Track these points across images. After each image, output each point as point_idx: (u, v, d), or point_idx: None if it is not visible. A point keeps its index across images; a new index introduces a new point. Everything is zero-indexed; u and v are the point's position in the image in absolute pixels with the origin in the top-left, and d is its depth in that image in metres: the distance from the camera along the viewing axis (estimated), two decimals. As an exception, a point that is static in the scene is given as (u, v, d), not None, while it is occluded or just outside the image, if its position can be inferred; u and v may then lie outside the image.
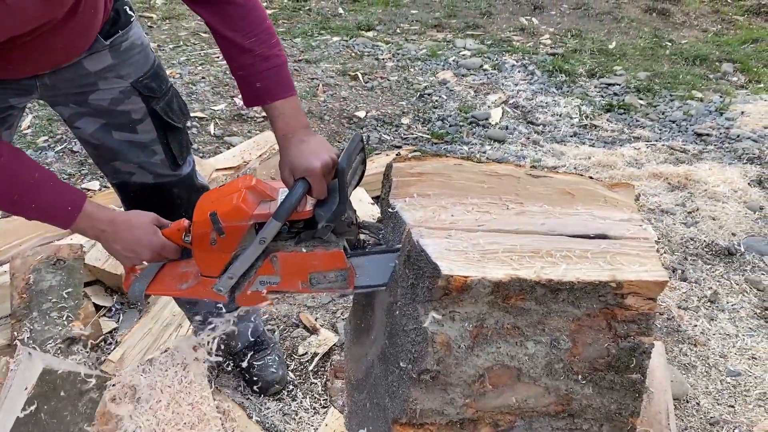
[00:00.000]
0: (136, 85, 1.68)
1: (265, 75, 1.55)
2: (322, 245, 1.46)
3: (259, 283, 1.52)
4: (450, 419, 1.42)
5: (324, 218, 1.43)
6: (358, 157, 1.50)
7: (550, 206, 1.51)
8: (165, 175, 1.80)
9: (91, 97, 1.66)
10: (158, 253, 1.55)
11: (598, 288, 1.31)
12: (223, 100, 4.44)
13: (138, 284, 1.60)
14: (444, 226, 1.41)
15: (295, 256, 1.47)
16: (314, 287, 1.51)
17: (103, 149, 1.74)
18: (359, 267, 1.49)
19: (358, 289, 1.51)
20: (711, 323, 2.54)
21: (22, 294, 2.16)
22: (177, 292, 1.61)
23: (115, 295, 2.57)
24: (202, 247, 1.48)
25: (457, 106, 4.71)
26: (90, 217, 1.48)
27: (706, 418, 2.11)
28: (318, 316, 2.47)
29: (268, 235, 1.42)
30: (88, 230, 1.51)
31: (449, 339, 1.31)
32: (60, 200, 1.45)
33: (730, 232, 3.12)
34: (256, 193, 1.46)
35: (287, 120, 1.56)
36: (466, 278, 1.26)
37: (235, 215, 1.43)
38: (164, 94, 1.74)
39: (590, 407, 1.41)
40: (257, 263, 1.48)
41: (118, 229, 1.51)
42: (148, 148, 1.75)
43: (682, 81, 5.42)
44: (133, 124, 1.71)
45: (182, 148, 1.82)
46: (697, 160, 4.00)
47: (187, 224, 1.54)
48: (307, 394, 2.13)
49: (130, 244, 1.52)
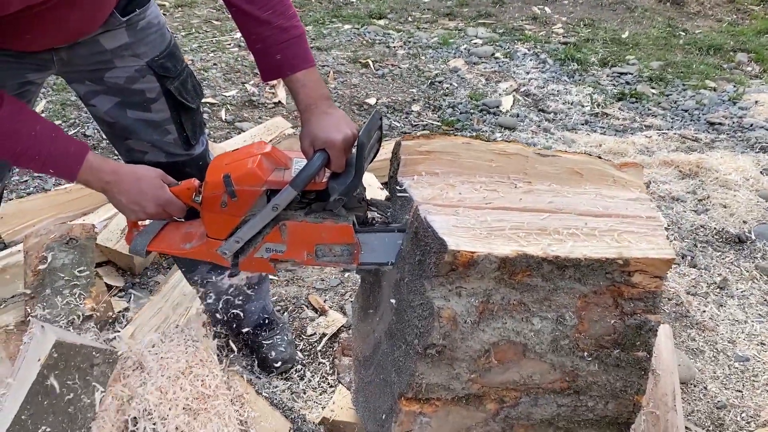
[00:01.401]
0: (152, 65, 1.69)
1: (284, 46, 1.54)
2: (331, 218, 1.47)
3: (265, 250, 1.52)
4: (456, 394, 1.44)
5: (337, 191, 1.44)
6: (375, 135, 1.51)
7: (559, 185, 1.51)
8: (178, 155, 1.82)
9: (107, 75, 1.67)
10: (163, 209, 1.54)
11: (605, 265, 1.32)
12: (234, 86, 4.46)
13: (140, 239, 1.60)
14: (452, 203, 1.42)
15: (304, 226, 1.47)
16: (319, 259, 1.52)
17: (117, 127, 1.76)
18: (365, 244, 1.49)
19: (362, 265, 1.52)
20: (720, 309, 2.53)
21: (35, 272, 2.19)
22: (180, 251, 1.61)
23: (127, 276, 2.60)
24: (212, 208, 1.48)
25: (467, 94, 4.70)
26: (93, 168, 1.48)
27: (713, 402, 2.11)
28: (327, 298, 2.49)
29: (281, 203, 1.43)
30: (92, 182, 1.51)
31: (455, 314, 1.32)
32: (62, 152, 1.45)
33: (741, 219, 3.10)
34: (272, 159, 1.46)
35: (308, 92, 1.55)
36: (473, 254, 1.28)
37: (249, 180, 1.43)
38: (179, 74, 1.75)
39: (596, 384, 1.42)
40: (266, 230, 1.49)
41: (123, 180, 1.51)
42: (161, 127, 1.76)
43: (696, 70, 5.38)
44: (147, 103, 1.73)
45: (195, 127, 1.83)
46: (709, 148, 3.98)
47: (197, 184, 1.54)
48: (315, 373, 2.14)
49: (134, 196, 1.51)
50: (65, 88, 4.07)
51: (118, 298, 2.48)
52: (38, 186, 3.14)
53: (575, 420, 1.49)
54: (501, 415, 1.48)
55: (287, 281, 2.58)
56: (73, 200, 2.80)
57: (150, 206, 1.52)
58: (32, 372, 1.52)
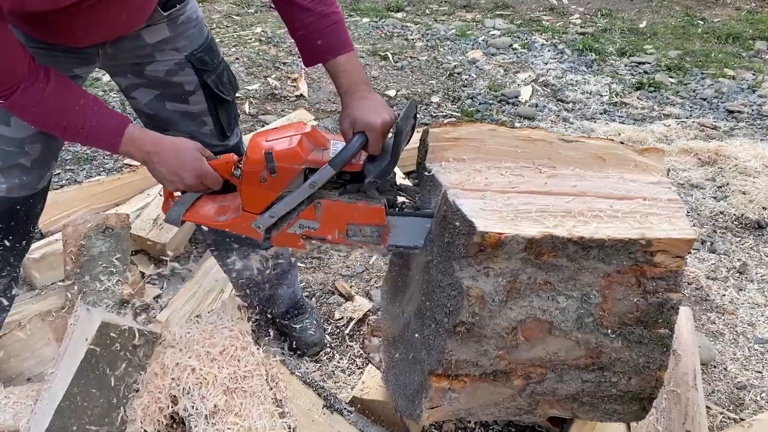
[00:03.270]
0: (191, 58, 1.75)
1: (326, 32, 1.60)
2: (364, 199, 1.53)
3: (299, 226, 1.58)
4: (484, 371, 1.50)
5: (372, 174, 1.50)
6: (411, 122, 1.57)
7: (582, 170, 1.56)
8: (213, 145, 1.88)
9: (148, 68, 1.74)
10: (201, 180, 1.59)
11: (628, 245, 1.37)
12: (257, 80, 4.53)
13: (176, 208, 1.66)
14: (479, 187, 1.47)
15: (338, 205, 1.54)
16: (350, 238, 1.58)
17: (156, 119, 1.82)
18: (394, 227, 1.55)
19: (389, 247, 1.58)
20: (739, 293, 2.57)
21: (74, 260, 2.28)
22: (214, 222, 1.66)
23: (160, 264, 2.68)
24: (251, 182, 1.53)
25: (486, 85, 4.73)
26: (134, 139, 1.54)
27: (733, 383, 2.15)
28: (353, 284, 2.56)
29: (319, 181, 1.49)
30: (134, 153, 1.57)
31: (484, 293, 1.38)
32: (105, 124, 1.52)
33: (760, 206, 3.12)
34: (312, 139, 1.52)
35: (349, 75, 1.61)
36: (501, 235, 1.33)
37: (289, 157, 1.49)
38: (216, 67, 1.81)
39: (619, 360, 1.47)
40: (301, 206, 1.55)
41: (163, 151, 1.57)
42: (198, 118, 1.83)
43: (714, 59, 5.37)
44: (185, 95, 1.79)
45: (230, 119, 1.89)
46: (728, 136, 3.99)
47: (236, 159, 1.60)
48: (343, 356, 2.22)
49: (174, 167, 1.57)
50: (92, 83, 4.16)
51: (151, 285, 2.56)
52: (70, 179, 3.24)
53: (599, 395, 1.54)
54: (527, 390, 1.54)
55: (314, 268, 2.65)
56: (105, 192, 2.89)
57: (189, 177, 1.58)
58: (80, 351, 1.60)
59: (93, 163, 3.41)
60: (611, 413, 1.59)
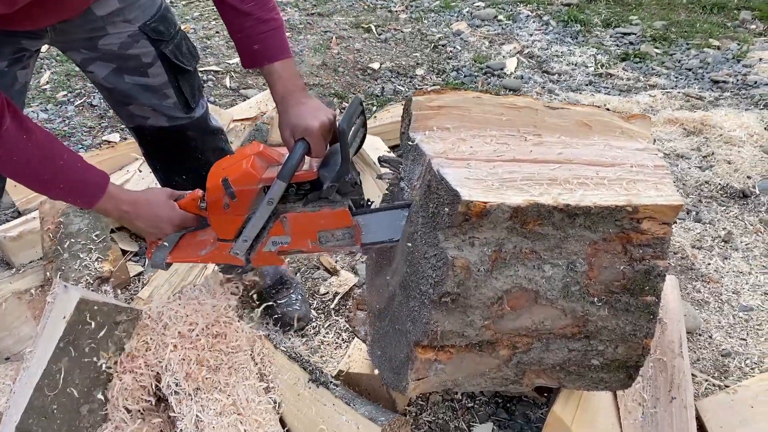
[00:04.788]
0: (144, 29, 1.71)
1: (263, 37, 1.60)
2: (328, 205, 1.54)
3: (272, 244, 1.61)
4: (470, 341, 1.48)
5: (328, 179, 1.50)
6: (358, 120, 1.57)
7: (568, 137, 1.54)
8: (179, 118, 1.84)
9: (101, 42, 1.69)
10: (178, 225, 1.64)
11: (615, 213, 1.35)
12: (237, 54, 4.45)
13: (159, 253, 1.70)
14: (463, 156, 1.45)
15: (304, 216, 1.55)
16: (323, 245, 1.60)
17: (116, 93, 1.78)
18: (365, 225, 1.56)
19: (365, 245, 1.59)
20: (724, 262, 2.57)
21: (52, 237, 2.24)
22: (197, 258, 1.71)
23: (140, 241, 2.64)
24: (216, 211, 1.58)
25: (471, 57, 4.68)
26: (113, 197, 1.54)
27: (718, 350, 2.16)
28: (338, 259, 2.53)
29: (275, 196, 1.50)
30: (111, 210, 1.57)
31: (469, 263, 1.36)
32: (86, 181, 1.51)
33: (745, 175, 3.12)
34: (264, 158, 1.54)
35: (285, 82, 1.61)
36: (486, 204, 1.31)
37: (245, 180, 1.52)
38: (173, 37, 1.77)
39: (606, 329, 1.46)
40: (268, 224, 1.57)
41: (139, 209, 1.59)
42: (160, 91, 1.79)
43: (699, 29, 5.35)
44: (144, 68, 1.75)
45: (194, 90, 1.85)
46: (713, 106, 3.98)
47: (201, 193, 1.63)
48: (330, 330, 2.20)
49: (152, 220, 1.61)
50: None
51: (133, 262, 2.53)
52: (48, 155, 3.17)
53: (585, 364, 1.54)
54: (513, 360, 1.53)
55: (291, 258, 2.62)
56: (84, 168, 2.83)
57: (167, 227, 1.63)
58: (58, 329, 1.57)
59: (71, 140, 3.34)
60: (598, 382, 1.59)
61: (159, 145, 1.92)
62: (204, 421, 1.63)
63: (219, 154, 1.92)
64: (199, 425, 1.63)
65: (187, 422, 1.64)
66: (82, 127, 3.50)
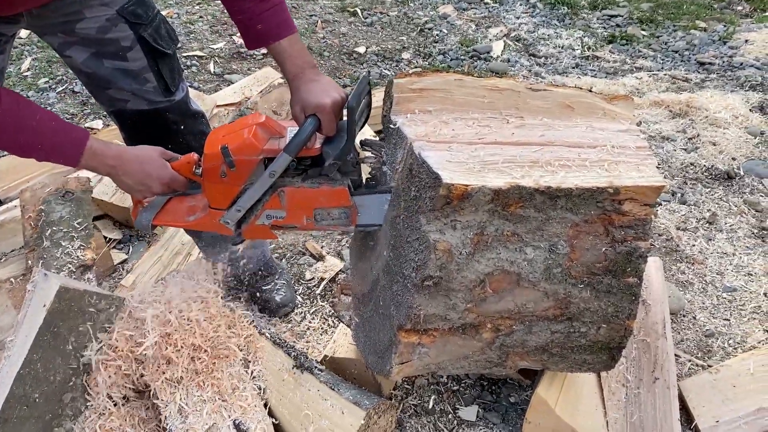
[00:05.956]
0: (122, 12, 1.68)
1: (265, 16, 1.57)
2: (327, 183, 1.52)
3: (266, 217, 1.58)
4: (453, 324, 1.48)
5: (331, 156, 1.48)
6: (364, 99, 1.53)
7: (550, 119, 1.53)
8: (159, 102, 1.82)
9: (78, 26, 1.66)
10: (168, 186, 1.59)
11: (596, 194, 1.34)
12: (221, 38, 4.40)
13: (145, 214, 1.66)
14: (445, 139, 1.43)
15: (302, 191, 1.52)
16: (318, 223, 1.58)
17: (95, 78, 1.76)
18: (361, 206, 1.55)
19: (359, 227, 1.58)
20: (709, 243, 2.58)
21: (33, 225, 2.21)
22: (184, 223, 1.67)
23: (124, 228, 2.62)
24: (212, 179, 1.53)
25: (458, 40, 4.66)
26: (96, 154, 1.51)
27: (702, 331, 2.17)
28: (323, 245, 2.52)
29: (278, 169, 1.47)
30: (97, 167, 1.54)
31: (451, 246, 1.36)
32: (64, 140, 1.48)
33: (730, 156, 3.13)
34: (267, 129, 1.50)
35: (294, 60, 1.59)
36: (467, 186, 1.30)
37: (245, 149, 1.47)
38: (151, 20, 1.74)
39: (588, 310, 1.47)
40: (265, 197, 1.54)
41: (127, 164, 1.55)
42: (139, 75, 1.76)
43: (686, 11, 5.34)
44: (122, 52, 1.72)
45: (173, 74, 1.83)
46: (699, 88, 3.98)
47: (196, 158, 1.59)
48: (315, 316, 2.19)
49: (140, 177, 1.56)
50: (50, 44, 4.01)
51: (116, 250, 2.51)
52: (30, 143, 3.13)
53: (568, 346, 1.54)
54: (497, 343, 1.53)
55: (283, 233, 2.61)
56: (66, 155, 2.80)
57: (155, 186, 1.58)
58: (38, 317, 1.56)
59: (53, 127, 3.30)
60: (581, 363, 1.59)
61: (139, 129, 1.89)
62: (188, 408, 1.63)
63: (200, 138, 1.90)
64: (182, 412, 1.63)
65: (171, 409, 1.63)
66: (64, 114, 3.46)
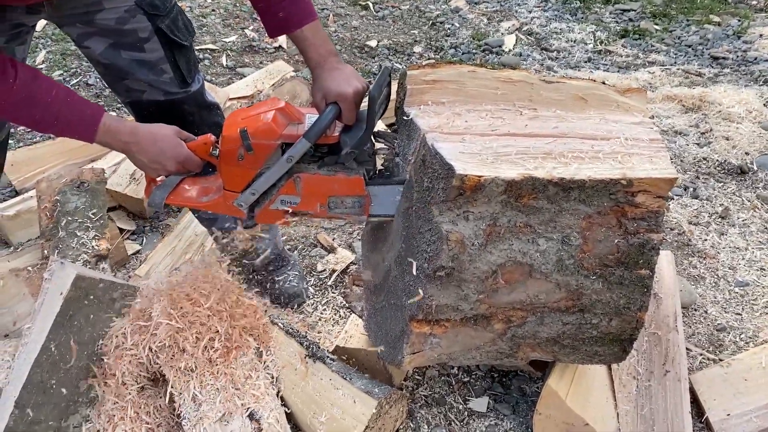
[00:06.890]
0: (140, 4, 1.70)
1: (286, 4, 1.59)
2: (343, 171, 1.53)
3: (280, 202, 1.59)
4: (464, 315, 1.49)
5: (349, 144, 1.49)
6: (385, 90, 1.54)
7: (563, 111, 1.53)
8: (175, 93, 1.84)
9: (98, 16, 1.68)
10: (182, 165, 1.60)
11: (609, 186, 1.35)
12: (234, 32, 4.42)
13: (159, 192, 1.66)
14: (458, 131, 1.44)
15: (318, 178, 1.54)
16: (332, 211, 1.59)
17: (112, 68, 1.77)
18: (375, 196, 1.56)
19: (372, 217, 1.59)
20: (721, 237, 2.57)
21: (49, 215, 2.23)
22: (197, 203, 1.67)
23: (138, 219, 2.64)
24: (228, 161, 1.54)
25: (470, 34, 4.65)
26: (111, 129, 1.52)
27: (713, 325, 2.17)
28: (335, 237, 2.54)
29: (296, 154, 1.48)
30: (112, 143, 1.55)
31: (463, 237, 1.37)
32: (79, 115, 1.49)
33: (743, 151, 3.12)
34: (286, 114, 1.51)
35: (317, 48, 1.60)
36: (480, 177, 1.31)
37: (264, 134, 1.49)
38: (168, 11, 1.76)
39: (600, 302, 1.47)
40: (280, 182, 1.55)
41: (142, 141, 1.56)
42: (156, 66, 1.78)
43: (700, 5, 5.31)
44: (140, 43, 1.74)
45: (190, 65, 1.85)
46: (713, 83, 3.96)
47: (213, 139, 1.59)
48: (327, 307, 2.21)
49: (154, 155, 1.57)
50: (65, 37, 4.04)
51: (130, 241, 2.53)
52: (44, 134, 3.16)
53: (580, 338, 1.55)
54: (508, 334, 1.54)
55: (295, 222, 2.62)
56: (81, 147, 2.82)
57: (170, 164, 1.58)
58: (55, 305, 1.58)
59: (67, 119, 3.32)
60: (592, 355, 1.60)
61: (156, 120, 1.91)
62: (201, 397, 1.65)
63: (215, 129, 1.91)
64: (196, 400, 1.64)
65: (185, 398, 1.65)
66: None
